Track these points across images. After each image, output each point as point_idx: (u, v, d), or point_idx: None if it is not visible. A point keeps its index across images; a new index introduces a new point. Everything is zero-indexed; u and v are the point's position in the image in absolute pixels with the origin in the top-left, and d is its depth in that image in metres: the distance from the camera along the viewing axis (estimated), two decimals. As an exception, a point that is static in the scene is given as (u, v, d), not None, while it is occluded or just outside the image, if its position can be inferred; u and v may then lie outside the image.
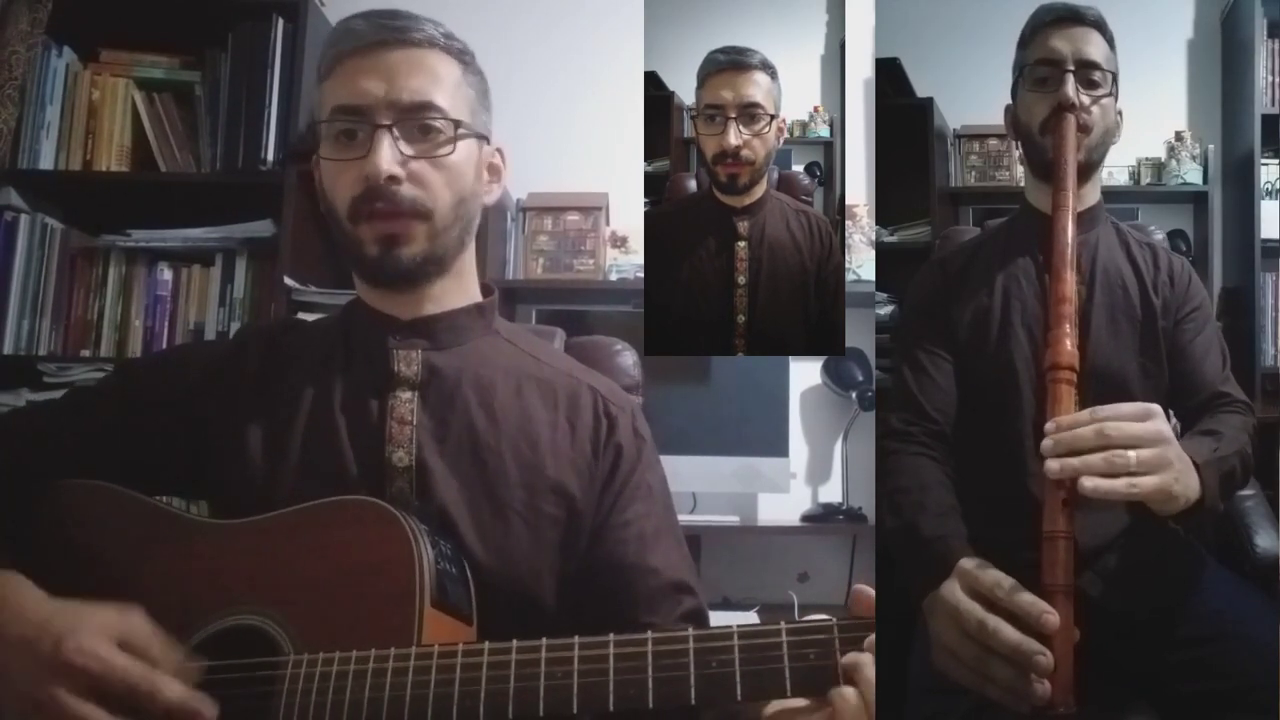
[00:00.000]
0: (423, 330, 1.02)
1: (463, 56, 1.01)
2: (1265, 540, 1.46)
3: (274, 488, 0.95)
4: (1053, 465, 0.85)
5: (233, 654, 0.84)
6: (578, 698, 0.75)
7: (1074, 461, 0.85)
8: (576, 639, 0.77)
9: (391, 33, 0.96)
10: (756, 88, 1.07)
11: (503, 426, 1.00)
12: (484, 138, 1.03)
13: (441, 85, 0.98)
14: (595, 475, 1.02)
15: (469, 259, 1.05)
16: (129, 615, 0.82)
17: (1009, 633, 0.81)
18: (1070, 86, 1.04)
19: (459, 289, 1.05)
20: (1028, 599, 0.81)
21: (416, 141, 0.96)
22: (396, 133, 0.95)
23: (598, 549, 1.00)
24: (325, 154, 0.97)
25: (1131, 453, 0.84)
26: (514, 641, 0.78)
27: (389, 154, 0.94)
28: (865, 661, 0.72)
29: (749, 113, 1.06)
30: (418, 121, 0.96)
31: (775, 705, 0.77)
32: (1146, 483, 0.85)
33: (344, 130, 0.96)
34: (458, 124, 0.98)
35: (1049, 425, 0.87)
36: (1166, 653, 1.04)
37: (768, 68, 1.08)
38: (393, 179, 0.94)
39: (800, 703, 0.75)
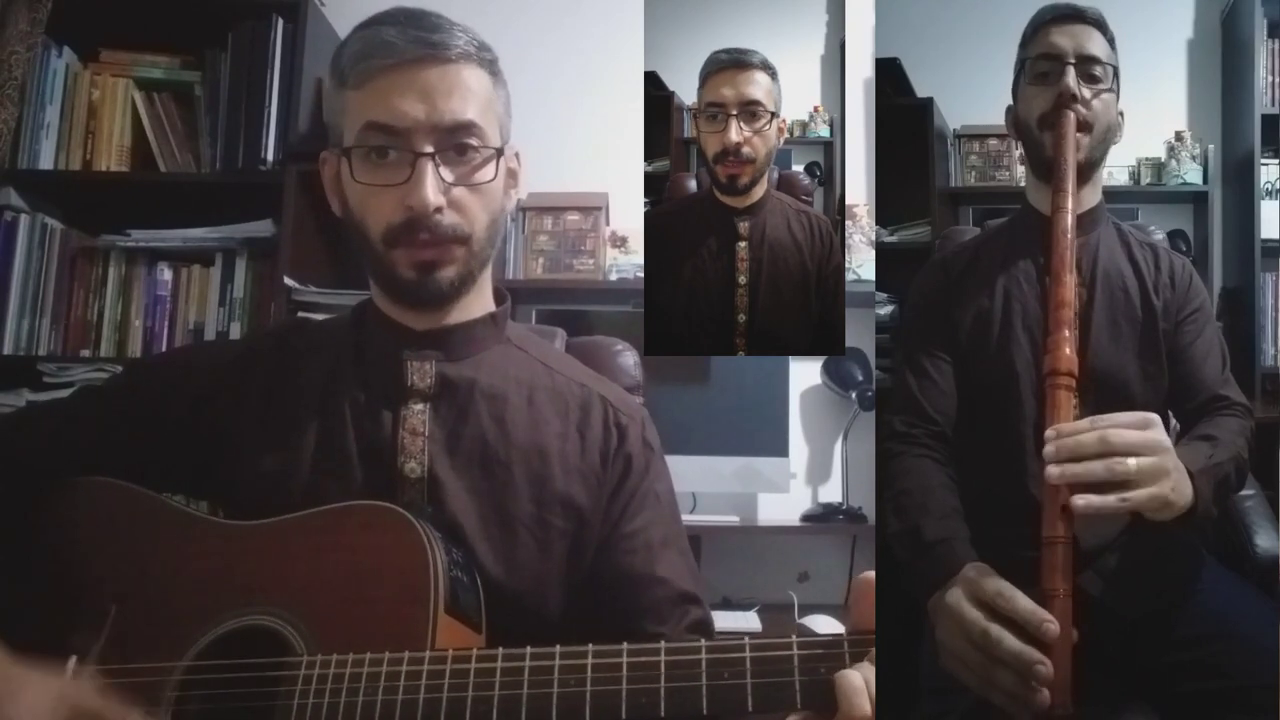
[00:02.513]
0: (437, 342, 1.01)
1: (493, 66, 0.99)
2: (1265, 540, 1.46)
3: (284, 493, 0.95)
4: (1053, 471, 0.85)
5: (245, 654, 0.84)
6: (590, 706, 0.75)
7: (1075, 468, 0.85)
8: (590, 647, 0.77)
9: (428, 49, 0.94)
10: (757, 86, 1.07)
11: (513, 438, 1.00)
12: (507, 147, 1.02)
13: (478, 101, 0.96)
14: (604, 485, 1.01)
15: (488, 273, 1.05)
16: (77, 690, 0.83)
17: (1010, 642, 0.81)
18: (1071, 78, 1.04)
19: (478, 300, 1.04)
20: (1029, 608, 0.82)
21: (455, 165, 0.95)
22: (438, 160, 0.93)
23: (604, 558, 0.99)
24: (359, 176, 0.95)
25: (1132, 460, 0.84)
26: (528, 648, 0.78)
27: (434, 185, 0.92)
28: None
29: (750, 110, 1.07)
30: (456, 142, 0.94)
31: None
32: (1139, 495, 0.85)
33: (376, 148, 0.94)
34: (499, 151, 0.97)
35: (1049, 433, 0.87)
36: (1166, 653, 1.04)
37: (768, 68, 1.08)
38: (437, 210, 0.93)
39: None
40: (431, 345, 1.01)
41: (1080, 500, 0.84)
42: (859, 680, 0.71)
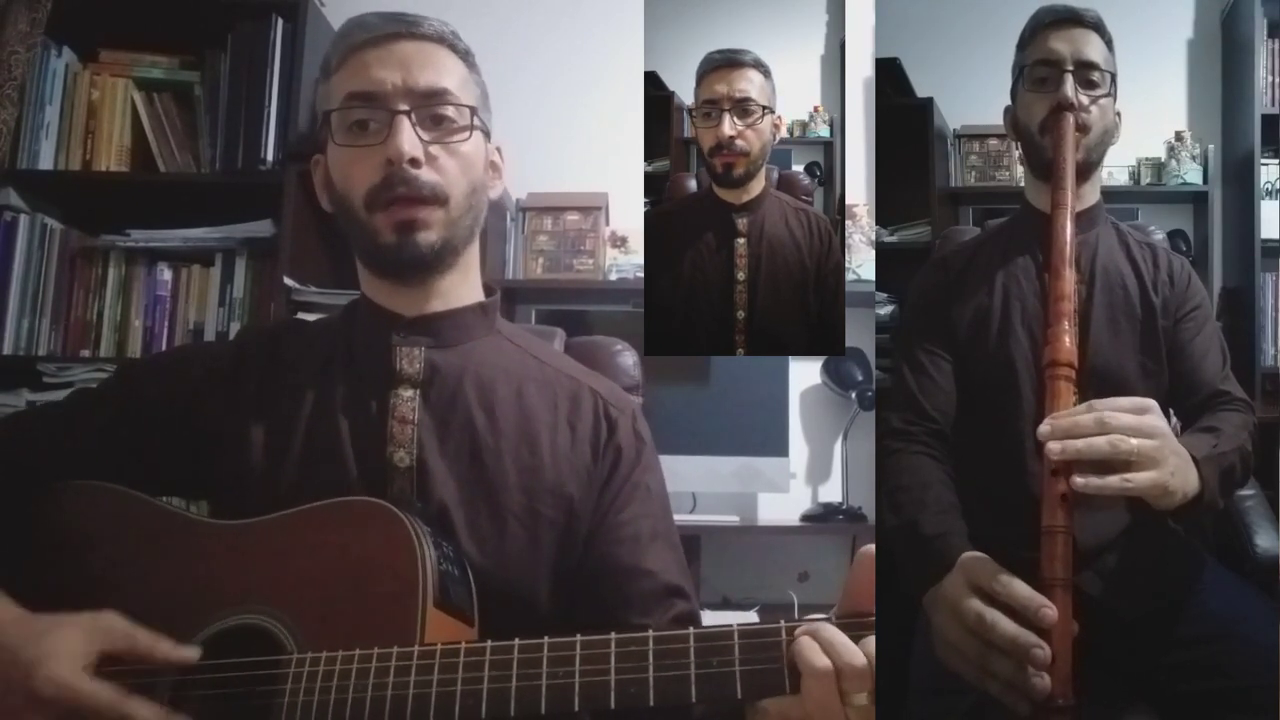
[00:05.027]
0: (426, 328, 1.02)
1: (467, 57, 1.03)
2: (1265, 540, 1.46)
3: (275, 488, 0.95)
4: (1054, 446, 0.84)
5: (237, 653, 0.84)
6: (579, 696, 0.75)
7: (1077, 443, 0.83)
8: (578, 637, 0.77)
9: (403, 25, 0.99)
10: (750, 83, 1.08)
11: (503, 428, 1.00)
12: (488, 134, 1.04)
13: (453, 76, 1.00)
14: (594, 478, 1.01)
15: (475, 254, 1.06)
16: (102, 626, 0.83)
17: (1007, 626, 0.81)
18: (1069, 86, 1.05)
19: (465, 285, 1.05)
20: (1026, 593, 0.81)
21: (431, 130, 0.97)
22: (414, 119, 0.96)
23: (593, 549, 0.99)
24: (339, 139, 0.98)
25: (1134, 440, 0.84)
26: (516, 640, 0.78)
27: (409, 137, 0.95)
28: (840, 640, 0.71)
29: (743, 106, 1.08)
30: (432, 110, 0.97)
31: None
32: (1141, 478, 0.84)
33: (357, 121, 0.97)
34: (473, 111, 1.00)
35: (1047, 419, 0.87)
36: (1166, 653, 1.04)
37: (760, 66, 1.10)
38: (414, 162, 0.95)
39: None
40: (421, 332, 1.01)
41: (1081, 479, 0.83)
42: (822, 661, 0.70)
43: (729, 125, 1.07)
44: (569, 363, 1.11)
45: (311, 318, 1.24)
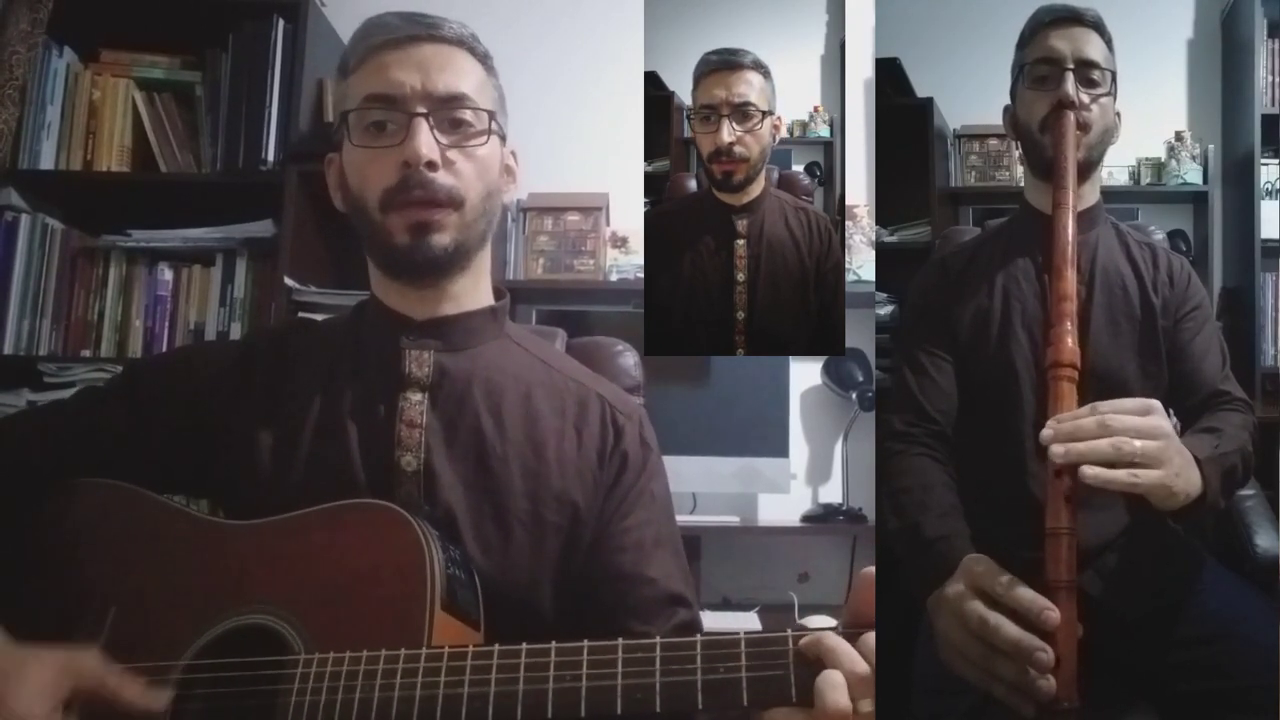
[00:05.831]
0: (436, 331, 1.02)
1: (486, 60, 1.03)
2: (1265, 540, 1.46)
3: (281, 490, 0.95)
4: (1057, 450, 0.84)
5: (243, 652, 0.84)
6: (585, 701, 0.75)
7: (1079, 446, 0.84)
8: (585, 643, 0.77)
9: (423, 27, 0.99)
10: (749, 86, 1.07)
11: (510, 433, 1.00)
12: (504, 137, 1.05)
13: (471, 80, 1.00)
14: (600, 484, 1.01)
15: (486, 258, 1.06)
16: (76, 666, 0.83)
17: (1010, 629, 0.81)
18: (1070, 84, 1.05)
19: (475, 289, 1.05)
20: (1029, 595, 0.82)
21: (448, 133, 0.98)
22: (431, 122, 0.96)
23: (596, 556, 0.99)
24: (357, 140, 0.98)
25: (1138, 441, 0.84)
26: (523, 644, 0.78)
27: (427, 139, 0.95)
28: (842, 649, 0.72)
29: (742, 110, 1.07)
30: (450, 114, 0.98)
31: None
32: (1149, 475, 0.84)
33: (375, 122, 0.97)
34: (491, 115, 1.00)
35: (1049, 423, 0.87)
36: (1166, 652, 1.04)
37: (760, 67, 1.09)
38: (431, 165, 0.95)
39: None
40: (430, 334, 1.01)
41: (1091, 471, 0.83)
42: (838, 677, 0.70)
43: (728, 132, 1.06)
44: (577, 368, 1.11)
45: (316, 318, 1.24)
